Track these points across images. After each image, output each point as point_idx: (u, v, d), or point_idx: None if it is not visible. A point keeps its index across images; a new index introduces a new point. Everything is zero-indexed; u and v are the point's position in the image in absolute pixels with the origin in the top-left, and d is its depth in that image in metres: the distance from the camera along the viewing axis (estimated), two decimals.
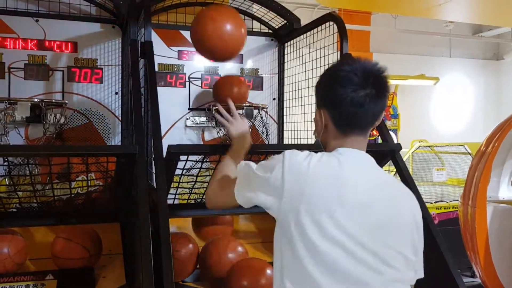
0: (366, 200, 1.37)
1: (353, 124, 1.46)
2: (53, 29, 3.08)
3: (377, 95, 1.43)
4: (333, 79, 1.46)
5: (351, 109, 1.42)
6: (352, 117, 1.44)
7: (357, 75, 1.41)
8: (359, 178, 1.39)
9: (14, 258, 2.30)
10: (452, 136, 9.89)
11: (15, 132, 2.95)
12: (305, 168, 1.36)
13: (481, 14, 6.93)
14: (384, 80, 1.45)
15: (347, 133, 1.47)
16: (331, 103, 1.46)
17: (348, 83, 1.41)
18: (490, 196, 3.40)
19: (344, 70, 1.43)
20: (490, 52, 11.51)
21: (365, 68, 1.43)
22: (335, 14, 3.02)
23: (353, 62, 1.45)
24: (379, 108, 1.45)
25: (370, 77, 1.42)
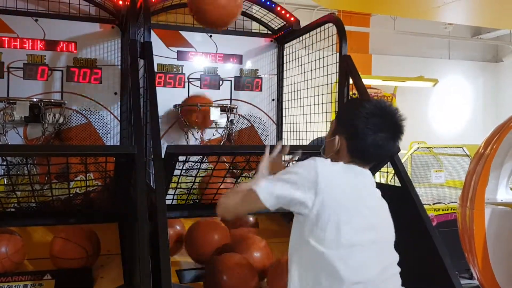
0: (377, 203, 1.58)
1: (365, 159, 1.58)
2: (52, 29, 3.08)
3: (393, 137, 1.57)
4: (356, 117, 1.55)
5: (369, 148, 1.54)
6: (368, 154, 1.56)
7: (380, 116, 1.54)
8: (368, 184, 1.58)
9: (12, 258, 2.30)
10: (450, 138, 9.89)
11: (13, 131, 2.95)
12: (333, 170, 1.51)
13: (480, 16, 6.94)
14: (402, 126, 1.59)
15: (356, 162, 1.58)
16: (350, 137, 1.57)
17: (371, 124, 1.52)
18: (488, 198, 3.41)
19: (368, 111, 1.54)
20: (489, 54, 11.53)
21: (387, 110, 1.56)
22: (334, 16, 3.03)
23: (376, 103, 1.57)
24: (390, 149, 1.58)
25: (391, 121, 1.56)
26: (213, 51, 3.48)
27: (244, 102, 3.57)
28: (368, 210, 1.52)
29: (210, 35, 3.46)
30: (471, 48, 11.13)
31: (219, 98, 3.49)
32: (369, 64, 9.56)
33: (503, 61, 11.40)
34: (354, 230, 1.47)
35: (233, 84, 3.54)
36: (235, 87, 3.54)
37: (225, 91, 3.52)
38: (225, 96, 3.52)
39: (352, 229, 1.46)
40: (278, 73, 3.64)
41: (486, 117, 11.08)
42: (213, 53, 3.49)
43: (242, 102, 3.56)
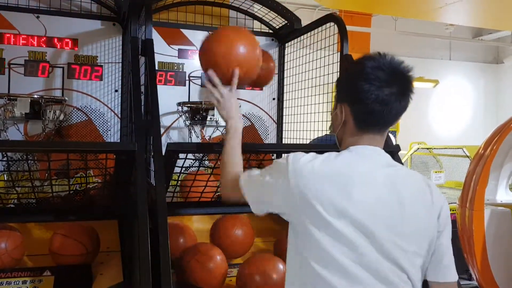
0: (373, 198, 1.34)
1: (374, 122, 1.42)
2: (53, 25, 3.08)
3: (402, 93, 1.39)
4: (358, 74, 1.41)
5: (375, 106, 1.38)
6: (375, 115, 1.39)
7: (384, 71, 1.37)
8: (367, 175, 1.36)
9: (11, 254, 2.29)
10: (450, 139, 9.91)
11: (14, 128, 2.95)
12: (310, 169, 1.35)
13: (481, 18, 6.94)
14: (410, 79, 1.41)
15: (365, 130, 1.43)
16: (354, 99, 1.42)
17: (374, 80, 1.37)
18: (488, 199, 3.42)
19: (370, 66, 1.39)
20: (490, 56, 11.54)
21: (391, 65, 1.39)
22: (335, 15, 3.03)
23: (380, 58, 1.40)
24: (402, 107, 1.41)
25: (397, 75, 1.39)
26: None
27: (244, 101, 3.57)
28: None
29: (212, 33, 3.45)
30: (472, 49, 11.15)
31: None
32: None
33: (504, 62, 11.41)
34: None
35: None
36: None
37: None
38: None
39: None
40: (279, 72, 3.64)
41: (487, 118, 11.10)
42: None
43: (243, 100, 3.55)
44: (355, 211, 1.31)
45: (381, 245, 1.32)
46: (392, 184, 1.37)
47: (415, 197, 1.39)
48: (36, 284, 2.22)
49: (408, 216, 1.36)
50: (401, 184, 1.38)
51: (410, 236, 1.36)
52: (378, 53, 1.42)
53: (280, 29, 3.56)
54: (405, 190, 1.38)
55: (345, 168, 1.36)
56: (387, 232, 1.33)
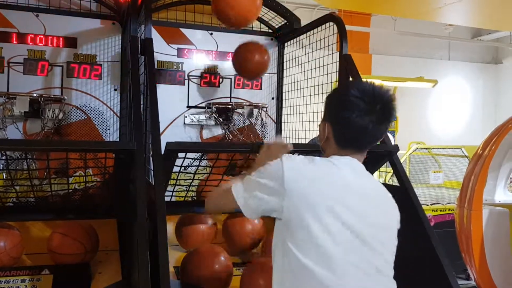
0: (363, 200, 1.47)
1: (352, 144, 1.54)
2: (53, 24, 3.08)
3: (382, 121, 1.50)
4: (341, 101, 1.53)
5: (353, 132, 1.49)
6: (354, 139, 1.52)
7: (365, 101, 1.47)
8: (355, 179, 1.49)
9: (10, 252, 2.29)
10: (449, 139, 9.92)
11: (13, 126, 2.95)
12: (303, 169, 1.46)
13: (480, 18, 6.95)
14: (391, 109, 1.51)
15: (345, 149, 1.54)
16: (336, 122, 1.54)
17: (355, 109, 1.47)
18: (486, 199, 3.42)
19: (353, 94, 1.48)
20: (489, 56, 11.54)
21: (374, 93, 1.49)
22: (335, 15, 3.03)
23: (364, 86, 1.51)
24: (380, 132, 1.53)
25: (378, 104, 1.48)
26: (214, 48, 3.48)
27: (244, 100, 3.57)
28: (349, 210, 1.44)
29: (211, 32, 3.46)
30: (471, 50, 11.15)
31: (219, 96, 3.49)
32: (369, 64, 9.57)
33: (502, 62, 11.42)
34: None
35: (233, 82, 3.54)
36: (235, 85, 3.55)
37: (225, 89, 3.52)
38: (225, 94, 3.52)
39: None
40: (278, 71, 3.65)
41: (485, 119, 11.10)
42: (214, 51, 3.49)
43: (242, 100, 3.56)
44: (344, 210, 1.42)
45: (364, 239, 1.44)
46: (374, 188, 1.54)
47: (389, 202, 1.58)
48: (34, 282, 2.22)
49: (383, 215, 1.52)
50: (379, 189, 1.56)
51: (386, 230, 1.52)
52: (363, 81, 1.57)
53: (279, 29, 3.56)
54: (383, 194, 1.56)
55: (335, 171, 1.47)
56: (369, 228, 1.46)
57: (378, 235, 1.47)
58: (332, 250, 1.39)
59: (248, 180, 1.53)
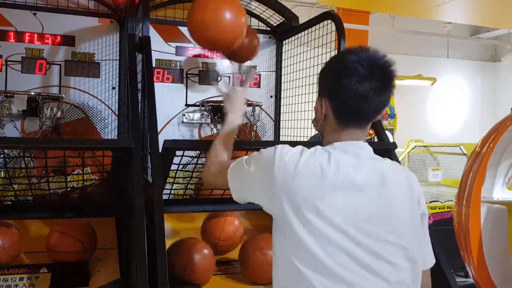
0: (354, 194, 1.33)
1: (353, 117, 1.42)
2: (50, 22, 3.07)
3: (382, 88, 1.38)
4: (338, 68, 1.41)
5: (354, 101, 1.37)
6: (354, 109, 1.39)
7: (363, 66, 1.36)
8: (348, 173, 1.35)
9: (8, 251, 2.30)
10: (448, 137, 9.93)
11: (11, 125, 2.94)
12: (293, 167, 1.34)
13: (479, 16, 6.95)
14: (391, 73, 1.40)
15: (346, 125, 1.43)
16: (333, 93, 1.42)
17: (353, 74, 1.36)
18: (484, 196, 3.42)
19: (350, 60, 1.38)
20: (488, 54, 11.55)
21: (372, 59, 1.38)
22: (333, 13, 3.03)
23: (360, 52, 1.39)
24: (382, 102, 1.41)
25: (377, 69, 1.38)
26: None
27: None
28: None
29: None
30: (470, 48, 11.16)
31: (217, 95, 3.49)
32: None
33: (501, 60, 11.44)
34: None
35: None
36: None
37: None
38: None
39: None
40: (276, 69, 3.64)
41: (484, 116, 11.12)
42: None
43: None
44: (337, 208, 1.31)
45: (367, 241, 1.32)
46: (377, 176, 1.38)
47: (399, 186, 1.41)
48: (33, 281, 2.22)
49: (395, 209, 1.37)
50: (386, 175, 1.39)
51: (396, 229, 1.36)
52: (360, 47, 1.41)
53: (277, 27, 3.56)
54: (390, 181, 1.39)
55: (325, 167, 1.34)
56: (373, 226, 1.33)
57: (376, 231, 1.33)
58: (318, 252, 1.29)
59: (241, 165, 1.48)
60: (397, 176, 1.43)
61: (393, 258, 1.34)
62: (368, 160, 1.41)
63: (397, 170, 1.45)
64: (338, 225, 1.30)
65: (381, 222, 1.34)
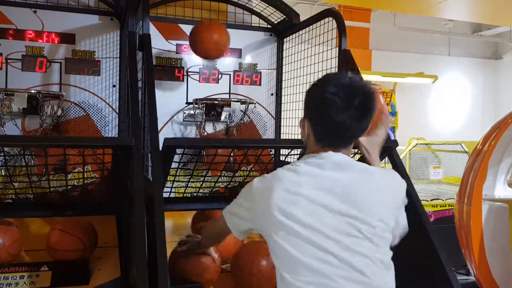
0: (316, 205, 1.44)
1: (332, 141, 1.51)
2: (51, 20, 3.07)
3: (361, 116, 1.46)
4: (318, 98, 1.49)
5: (332, 129, 1.47)
6: (333, 136, 1.49)
7: (341, 97, 1.42)
8: (330, 173, 1.46)
9: (9, 249, 2.29)
10: (449, 135, 9.92)
11: (11, 123, 2.94)
12: (268, 183, 1.49)
13: (480, 13, 6.93)
14: (370, 102, 1.46)
15: (325, 146, 1.51)
16: (313, 118, 1.53)
17: (332, 105, 1.44)
18: (486, 194, 3.41)
19: (329, 91, 1.44)
20: (489, 51, 11.52)
21: (352, 88, 1.44)
22: (334, 10, 3.02)
23: (341, 80, 1.46)
24: (361, 127, 1.50)
25: (356, 98, 1.43)
26: None
27: (243, 97, 3.56)
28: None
29: None
30: (471, 45, 11.13)
31: (218, 92, 3.48)
32: (369, 59, 9.56)
33: (503, 58, 11.41)
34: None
35: (232, 78, 3.54)
36: (234, 81, 3.54)
37: (224, 85, 3.51)
38: (224, 90, 3.51)
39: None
40: (277, 67, 3.64)
41: (485, 114, 11.10)
42: None
43: (241, 96, 3.55)
44: (308, 213, 1.42)
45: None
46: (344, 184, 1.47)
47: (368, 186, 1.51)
48: (33, 279, 2.22)
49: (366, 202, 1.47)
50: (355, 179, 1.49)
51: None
52: (341, 74, 1.55)
53: (278, 24, 3.55)
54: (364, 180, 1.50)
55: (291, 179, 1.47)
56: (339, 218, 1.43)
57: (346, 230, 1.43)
58: (298, 255, 1.41)
59: (232, 205, 1.64)
60: (374, 178, 1.54)
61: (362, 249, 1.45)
62: (345, 165, 1.50)
63: (369, 175, 1.54)
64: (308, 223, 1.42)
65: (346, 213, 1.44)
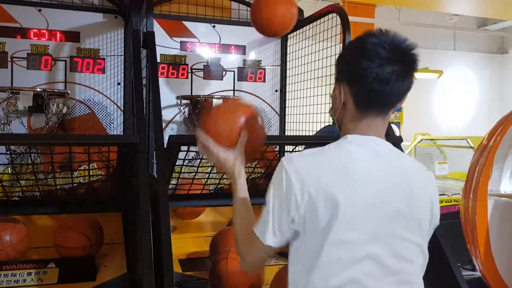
0: (374, 196, 1.27)
1: (374, 103, 1.33)
2: (55, 18, 3.09)
3: (405, 72, 1.30)
4: (358, 52, 1.32)
5: (375, 85, 1.28)
6: (376, 94, 1.30)
7: (385, 48, 1.28)
8: (366, 171, 1.28)
9: (16, 246, 2.32)
10: (455, 130, 9.87)
11: (17, 121, 2.96)
12: (307, 174, 1.26)
13: (486, 7, 6.89)
14: (413, 57, 1.32)
15: (365, 113, 1.34)
16: (354, 77, 1.33)
17: (375, 57, 1.28)
18: (492, 190, 3.40)
19: (371, 42, 1.30)
20: (495, 46, 11.45)
21: (394, 42, 1.30)
22: (338, 6, 3.01)
23: (382, 34, 1.32)
24: (405, 87, 1.32)
25: (399, 52, 1.30)
26: (217, 41, 3.48)
27: (247, 93, 3.56)
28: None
29: (214, 25, 3.46)
30: (477, 40, 11.06)
31: (222, 89, 3.49)
32: None
33: (508, 52, 11.34)
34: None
35: (236, 75, 3.54)
36: (238, 78, 3.54)
37: (228, 82, 3.51)
38: (228, 87, 3.52)
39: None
40: (281, 63, 3.64)
41: (491, 109, 11.04)
42: (217, 44, 3.48)
43: (245, 93, 3.55)
44: (354, 204, 1.25)
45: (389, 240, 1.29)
46: (391, 175, 1.31)
47: (418, 183, 1.36)
48: (41, 276, 2.24)
49: (411, 207, 1.32)
50: (401, 174, 1.34)
51: (415, 226, 1.34)
52: (380, 30, 1.34)
53: None
54: (406, 180, 1.33)
55: (342, 160, 1.29)
56: (391, 226, 1.29)
57: (398, 232, 1.30)
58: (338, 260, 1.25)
59: (263, 214, 1.33)
60: (414, 175, 1.37)
61: (413, 257, 1.35)
62: (381, 159, 1.33)
63: (412, 169, 1.39)
64: (360, 228, 1.26)
65: (401, 223, 1.30)
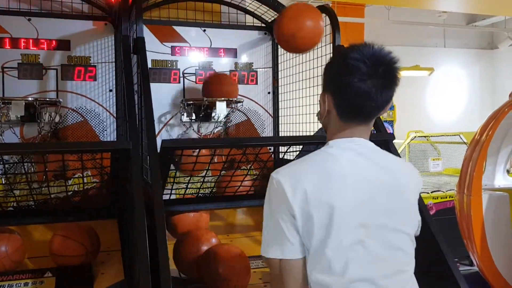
0: (361, 194, 1.37)
1: (356, 114, 1.42)
2: (45, 27, 3.07)
3: (386, 86, 1.38)
4: (341, 65, 1.41)
5: (356, 99, 1.37)
6: (357, 106, 1.39)
7: (366, 63, 1.35)
8: (351, 171, 1.38)
9: (12, 257, 2.30)
10: (447, 126, 9.93)
11: (10, 131, 2.95)
12: (298, 182, 1.34)
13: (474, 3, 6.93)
14: (394, 71, 1.40)
15: (348, 122, 1.43)
16: (336, 90, 1.42)
17: (356, 72, 1.35)
18: (486, 184, 3.43)
19: (352, 57, 1.37)
20: (485, 42, 11.54)
21: (376, 56, 1.37)
22: (327, 7, 3.03)
23: (364, 48, 1.38)
24: (385, 99, 1.40)
25: (380, 66, 1.37)
26: (208, 45, 3.48)
27: (240, 96, 3.56)
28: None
29: (204, 29, 3.46)
30: (466, 36, 11.15)
31: None
32: None
33: (498, 48, 11.42)
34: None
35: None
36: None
37: None
38: None
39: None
40: (273, 65, 3.64)
41: (483, 104, 11.12)
42: (208, 48, 3.48)
43: (238, 96, 3.55)
44: (346, 205, 1.34)
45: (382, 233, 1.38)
46: (376, 173, 1.42)
47: (404, 179, 1.47)
48: (37, 285, 2.23)
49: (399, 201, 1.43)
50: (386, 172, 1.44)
51: (405, 218, 1.45)
52: (364, 44, 1.41)
53: (272, 22, 3.55)
54: (391, 176, 1.44)
55: (327, 164, 1.38)
56: (383, 218, 1.39)
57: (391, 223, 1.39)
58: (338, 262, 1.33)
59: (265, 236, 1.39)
60: (398, 172, 1.48)
61: (405, 247, 1.44)
62: (370, 154, 1.44)
63: (396, 166, 1.50)
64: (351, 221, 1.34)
65: (393, 213, 1.41)
